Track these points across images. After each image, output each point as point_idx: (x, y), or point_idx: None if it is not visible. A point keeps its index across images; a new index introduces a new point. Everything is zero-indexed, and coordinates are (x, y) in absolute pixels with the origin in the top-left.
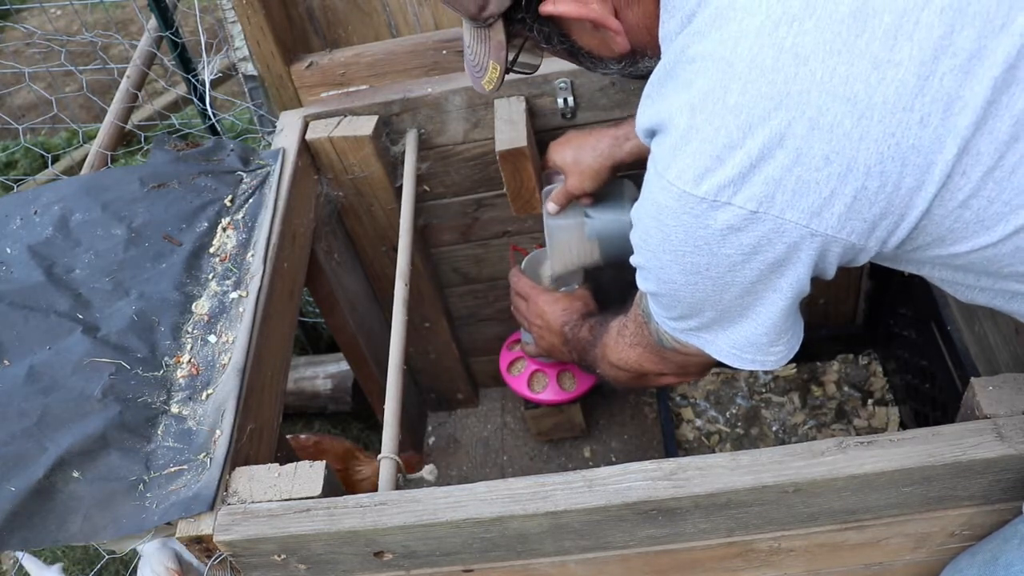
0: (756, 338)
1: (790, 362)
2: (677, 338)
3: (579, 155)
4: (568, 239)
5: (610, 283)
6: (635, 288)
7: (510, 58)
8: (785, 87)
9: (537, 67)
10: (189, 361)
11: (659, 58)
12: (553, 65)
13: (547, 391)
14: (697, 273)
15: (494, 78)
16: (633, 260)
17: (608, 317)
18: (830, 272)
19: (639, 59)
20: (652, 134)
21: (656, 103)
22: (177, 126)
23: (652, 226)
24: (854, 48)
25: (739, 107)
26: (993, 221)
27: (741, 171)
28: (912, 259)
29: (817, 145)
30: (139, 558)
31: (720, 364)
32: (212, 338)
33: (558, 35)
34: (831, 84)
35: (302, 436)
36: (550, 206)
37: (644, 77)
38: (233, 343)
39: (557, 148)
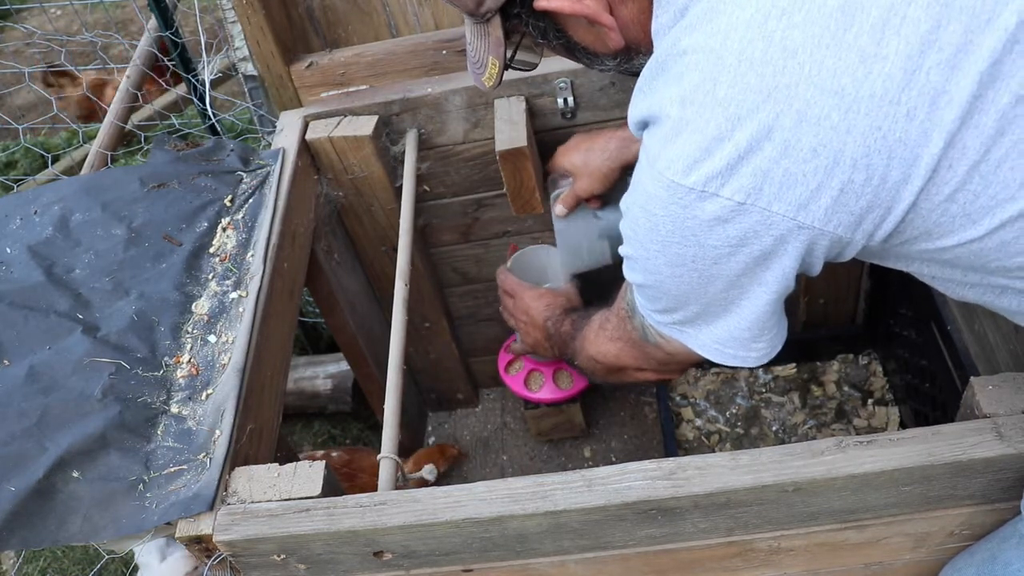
0: (739, 333)
1: (790, 362)
2: (661, 332)
3: (588, 158)
4: (578, 241)
5: (597, 281)
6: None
7: (508, 54)
8: (773, 80)
9: (536, 64)
10: (189, 361)
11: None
12: (553, 65)
13: (544, 390)
14: (683, 265)
15: (494, 74)
16: (621, 250)
17: (591, 311)
18: (816, 267)
19: (634, 55)
20: (644, 126)
21: (648, 96)
22: (177, 126)
23: (641, 215)
24: (842, 42)
25: (728, 99)
26: (979, 215)
27: (729, 163)
28: (900, 254)
29: (805, 138)
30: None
31: (701, 365)
32: (212, 338)
33: (554, 31)
34: (819, 77)
35: (333, 454)
36: (559, 208)
37: (639, 74)
38: (233, 343)
39: (565, 152)
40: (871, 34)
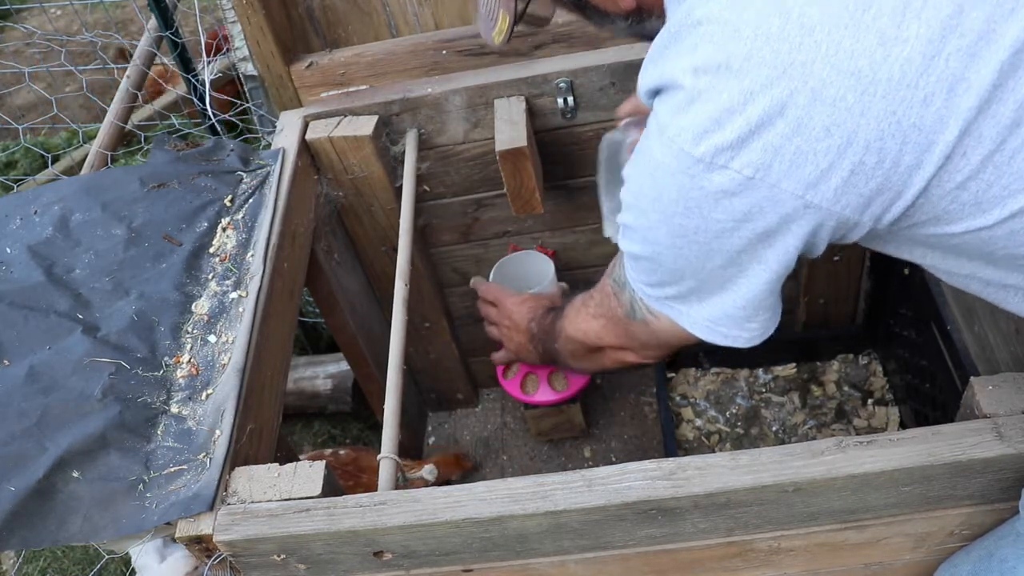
0: (734, 311)
1: (790, 362)
2: (652, 307)
3: None
4: None
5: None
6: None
7: (519, 8)
8: (789, 57)
9: (547, 20)
10: (189, 361)
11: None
12: (553, 65)
13: (539, 392)
14: (684, 236)
15: (504, 28)
16: (619, 218)
17: (572, 296)
18: (819, 248)
19: (646, 18)
20: (655, 94)
21: (660, 64)
22: (177, 126)
23: (646, 183)
24: (861, 22)
25: (742, 73)
26: (990, 204)
27: (740, 136)
28: (905, 238)
29: (818, 117)
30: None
31: (692, 358)
32: (212, 338)
33: None
34: (836, 57)
35: (341, 452)
36: None
37: (651, 38)
38: (233, 343)
39: None
40: (891, 16)
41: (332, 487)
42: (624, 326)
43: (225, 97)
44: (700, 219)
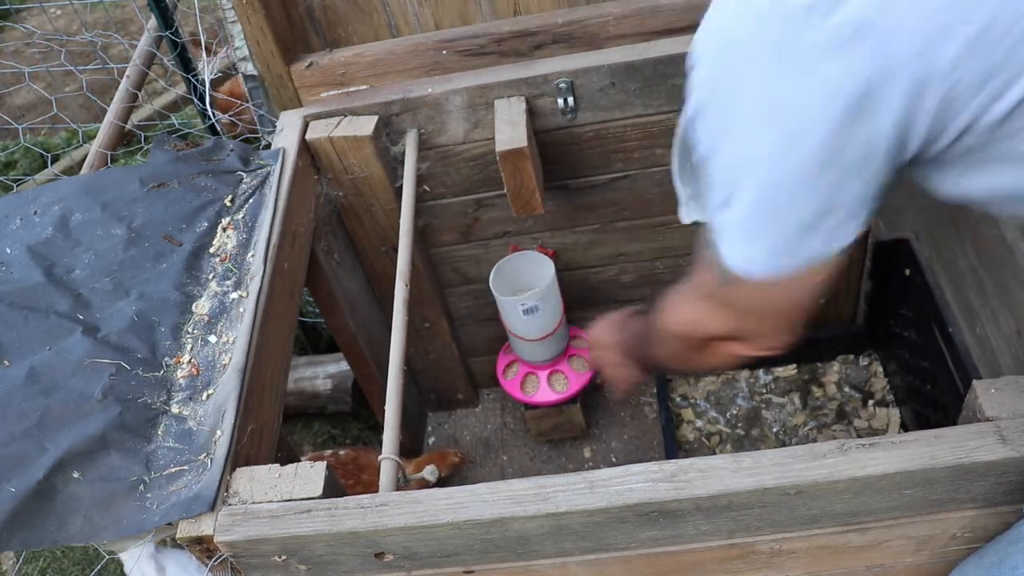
0: (808, 217)
1: (791, 363)
2: (722, 237)
3: None
4: None
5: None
6: None
7: None
8: None
9: None
10: (189, 361)
11: None
12: (553, 65)
13: (539, 393)
14: (772, 109)
15: None
16: (683, 116)
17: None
18: (913, 138)
19: None
20: None
21: None
22: (177, 126)
23: (717, 54)
24: None
25: None
26: None
27: None
28: (1000, 154)
29: None
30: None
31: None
32: (212, 338)
33: None
34: None
35: (341, 452)
36: None
37: None
38: (233, 343)
39: None
40: None
41: (333, 488)
42: (723, 299)
43: (224, 96)
44: (789, 85)
